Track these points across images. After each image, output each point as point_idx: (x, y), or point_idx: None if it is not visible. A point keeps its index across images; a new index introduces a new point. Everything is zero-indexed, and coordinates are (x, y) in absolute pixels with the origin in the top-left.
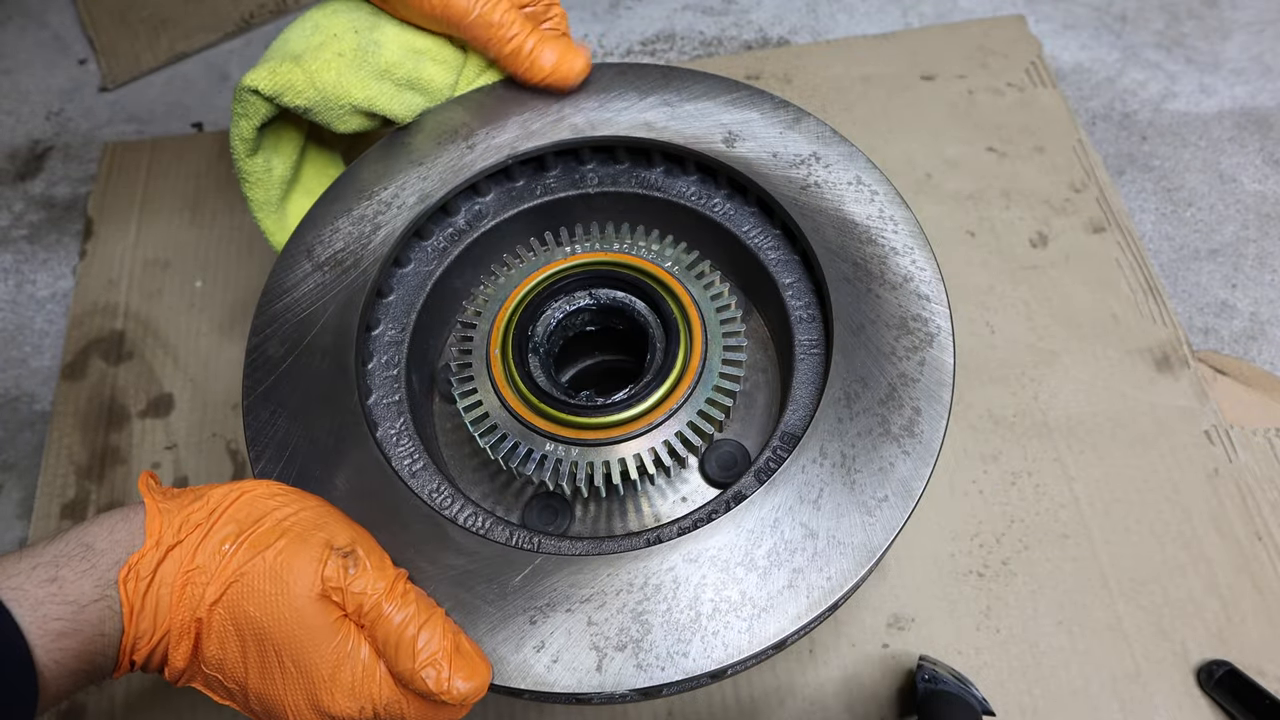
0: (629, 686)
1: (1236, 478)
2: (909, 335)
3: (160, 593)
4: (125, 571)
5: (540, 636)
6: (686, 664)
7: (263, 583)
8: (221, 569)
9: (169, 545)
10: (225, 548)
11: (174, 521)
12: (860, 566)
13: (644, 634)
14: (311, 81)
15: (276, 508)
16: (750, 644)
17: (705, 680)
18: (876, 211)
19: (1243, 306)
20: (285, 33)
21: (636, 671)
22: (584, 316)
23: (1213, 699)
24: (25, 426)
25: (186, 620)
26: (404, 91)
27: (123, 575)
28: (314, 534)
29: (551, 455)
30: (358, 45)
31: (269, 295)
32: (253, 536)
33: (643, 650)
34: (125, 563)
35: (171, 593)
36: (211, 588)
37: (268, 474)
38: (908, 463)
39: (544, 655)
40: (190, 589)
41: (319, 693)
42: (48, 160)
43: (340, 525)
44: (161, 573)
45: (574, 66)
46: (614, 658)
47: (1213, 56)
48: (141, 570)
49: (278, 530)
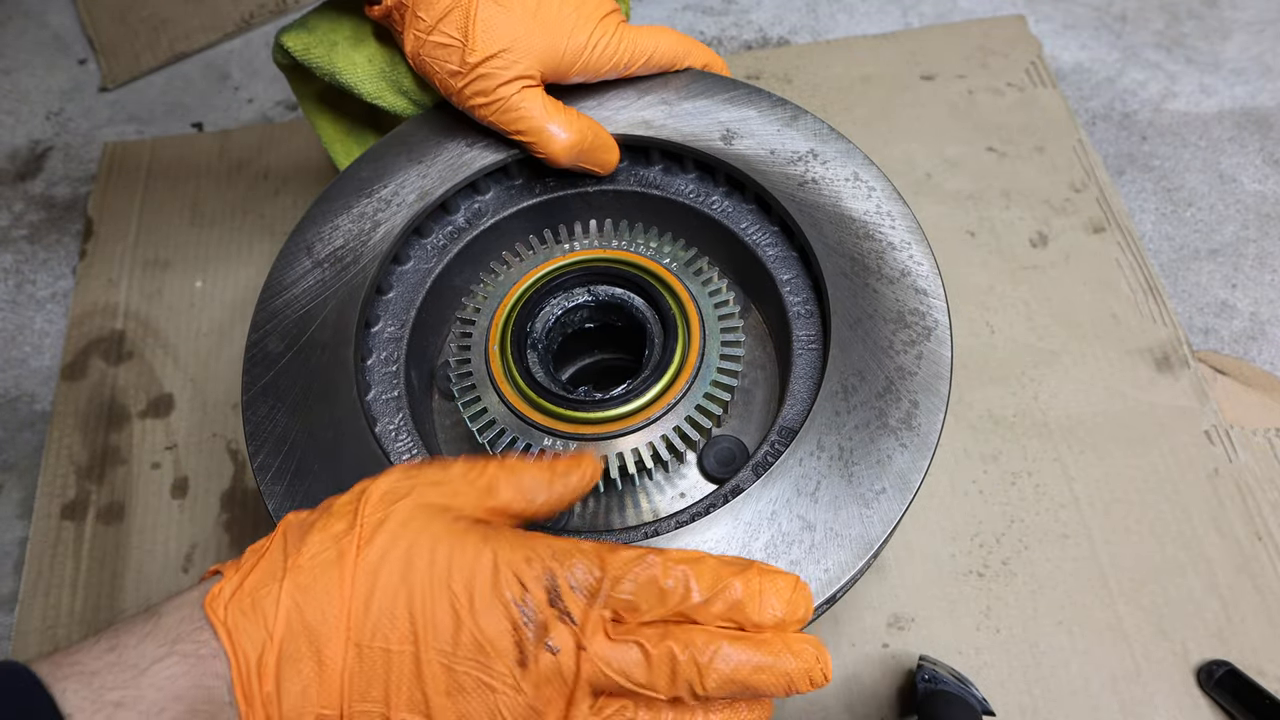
0: None
1: (1236, 478)
2: (906, 329)
3: (261, 599)
4: (209, 599)
5: None
6: None
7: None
8: (336, 536)
9: (250, 565)
10: (317, 529)
11: (245, 553)
12: (858, 558)
13: None
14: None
15: (335, 498)
16: None
17: None
18: (874, 207)
19: (1243, 306)
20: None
21: None
22: (583, 313)
23: (1213, 699)
24: (25, 426)
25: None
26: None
27: (207, 602)
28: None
29: (550, 450)
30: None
31: (269, 291)
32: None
33: None
34: (206, 596)
35: (275, 588)
36: (338, 553)
37: (267, 468)
38: (905, 455)
39: None
40: (302, 563)
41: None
42: (48, 160)
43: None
44: (251, 581)
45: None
46: None
47: (1213, 56)
48: (226, 592)
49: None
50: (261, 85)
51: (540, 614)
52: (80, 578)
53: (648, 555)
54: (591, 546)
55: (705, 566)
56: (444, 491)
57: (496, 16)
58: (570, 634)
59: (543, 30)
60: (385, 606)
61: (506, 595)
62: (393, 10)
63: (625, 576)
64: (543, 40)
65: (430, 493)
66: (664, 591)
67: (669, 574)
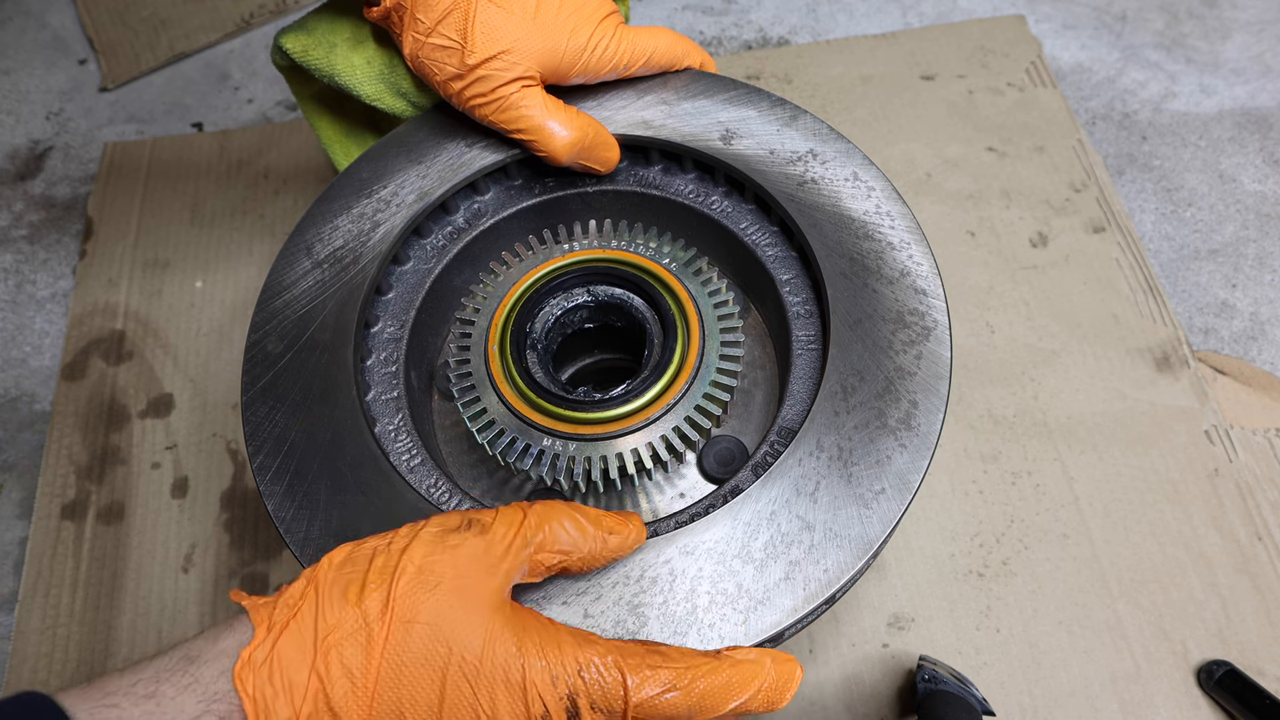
0: None
1: (1236, 478)
2: (906, 329)
3: (289, 671)
4: (240, 666)
5: None
6: None
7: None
8: (367, 610)
9: (282, 625)
10: (352, 595)
11: (275, 605)
12: (857, 559)
13: (640, 626)
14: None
15: (375, 543)
16: (747, 636)
17: None
18: (873, 207)
19: (1243, 306)
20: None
21: None
22: (582, 313)
23: (1213, 699)
24: (25, 426)
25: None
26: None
27: (237, 670)
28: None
29: (549, 451)
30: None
31: (269, 292)
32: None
33: None
34: (237, 661)
35: (305, 664)
36: (367, 632)
37: (266, 468)
38: (905, 455)
39: None
40: (332, 641)
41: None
42: (48, 160)
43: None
44: (280, 650)
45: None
46: None
47: (1213, 56)
48: (257, 658)
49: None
50: (261, 85)
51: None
52: (80, 578)
53: (672, 682)
54: (615, 661)
55: (730, 679)
56: (483, 568)
57: (496, 18)
58: None
59: (542, 32)
60: (409, 700)
61: (531, 715)
62: (391, 12)
63: (649, 702)
64: (542, 42)
65: (468, 574)
66: (690, 714)
67: (694, 699)
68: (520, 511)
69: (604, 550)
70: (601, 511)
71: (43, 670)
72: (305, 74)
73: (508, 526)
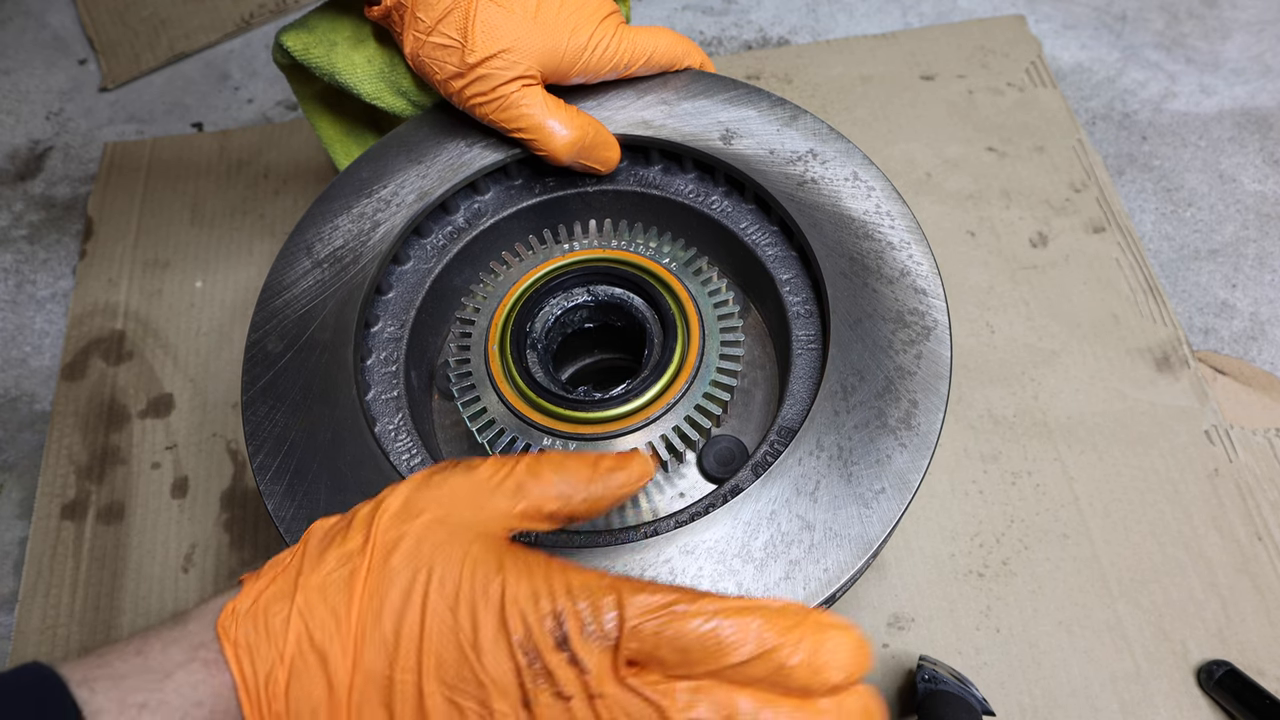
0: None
1: (1236, 478)
2: (906, 329)
3: (272, 616)
4: (224, 617)
5: None
6: None
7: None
8: (348, 548)
9: (268, 580)
10: (335, 542)
11: (264, 566)
12: (857, 558)
13: None
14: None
15: (359, 506)
16: None
17: None
18: (873, 207)
19: (1243, 306)
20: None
21: None
22: (582, 313)
23: (1213, 699)
24: (25, 426)
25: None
26: (399, 97)
27: (221, 620)
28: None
29: (549, 450)
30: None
31: (269, 291)
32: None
33: None
34: (222, 613)
35: (287, 607)
36: (348, 566)
37: (266, 468)
38: (904, 455)
39: None
40: (314, 581)
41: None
42: (48, 160)
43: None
44: (265, 598)
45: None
46: None
47: (1213, 56)
48: (241, 607)
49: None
50: (261, 85)
51: (547, 657)
52: (80, 578)
53: (676, 603)
54: (611, 583)
55: (745, 622)
56: (467, 503)
57: (496, 17)
58: (578, 682)
59: (543, 31)
60: (389, 633)
61: (511, 635)
62: (392, 11)
63: (646, 626)
64: (542, 41)
65: (451, 506)
66: (695, 649)
67: (700, 629)
68: (514, 457)
69: (608, 489)
70: (600, 453)
71: None
72: (306, 73)
73: (496, 467)
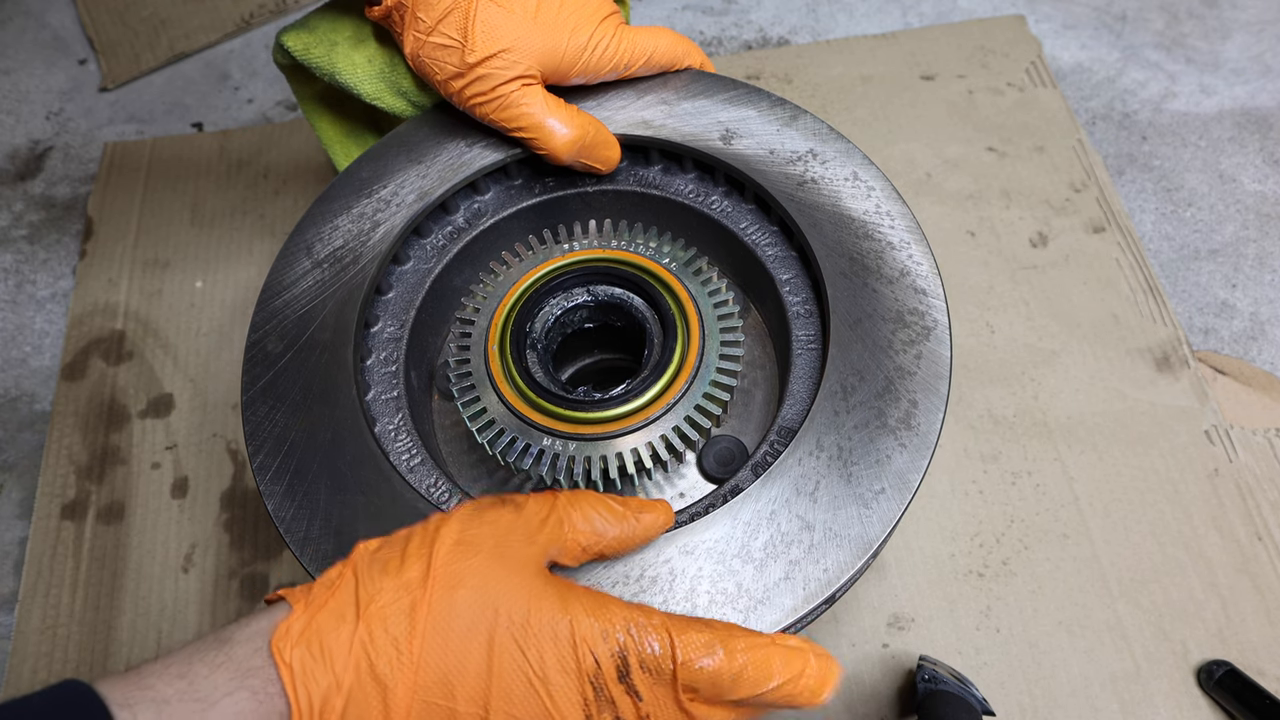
0: None
1: (1236, 478)
2: (906, 329)
3: (329, 641)
4: (277, 637)
5: None
6: None
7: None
8: (406, 578)
9: (321, 602)
10: (392, 569)
11: (311, 588)
12: (857, 558)
13: None
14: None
15: (409, 530)
16: None
17: None
18: (873, 207)
19: (1243, 306)
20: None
21: None
22: (582, 313)
23: (1213, 699)
24: (25, 426)
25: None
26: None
27: (275, 641)
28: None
29: (549, 450)
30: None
31: (269, 291)
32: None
33: None
34: (274, 633)
35: (345, 633)
36: (408, 595)
37: (266, 468)
38: (904, 455)
39: None
40: (374, 609)
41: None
42: (48, 160)
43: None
44: (320, 621)
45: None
46: None
47: (1213, 56)
48: (295, 629)
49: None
50: (261, 85)
51: (610, 689)
52: (80, 578)
53: (717, 645)
54: (662, 622)
55: (768, 660)
56: (521, 540)
57: (496, 17)
58: (635, 710)
59: (543, 31)
60: (454, 667)
61: (582, 668)
62: (392, 11)
63: (695, 662)
64: (543, 41)
65: (507, 543)
66: (727, 683)
67: (735, 667)
68: (552, 495)
69: (636, 531)
70: (628, 497)
71: (43, 670)
72: (306, 73)
73: (540, 504)
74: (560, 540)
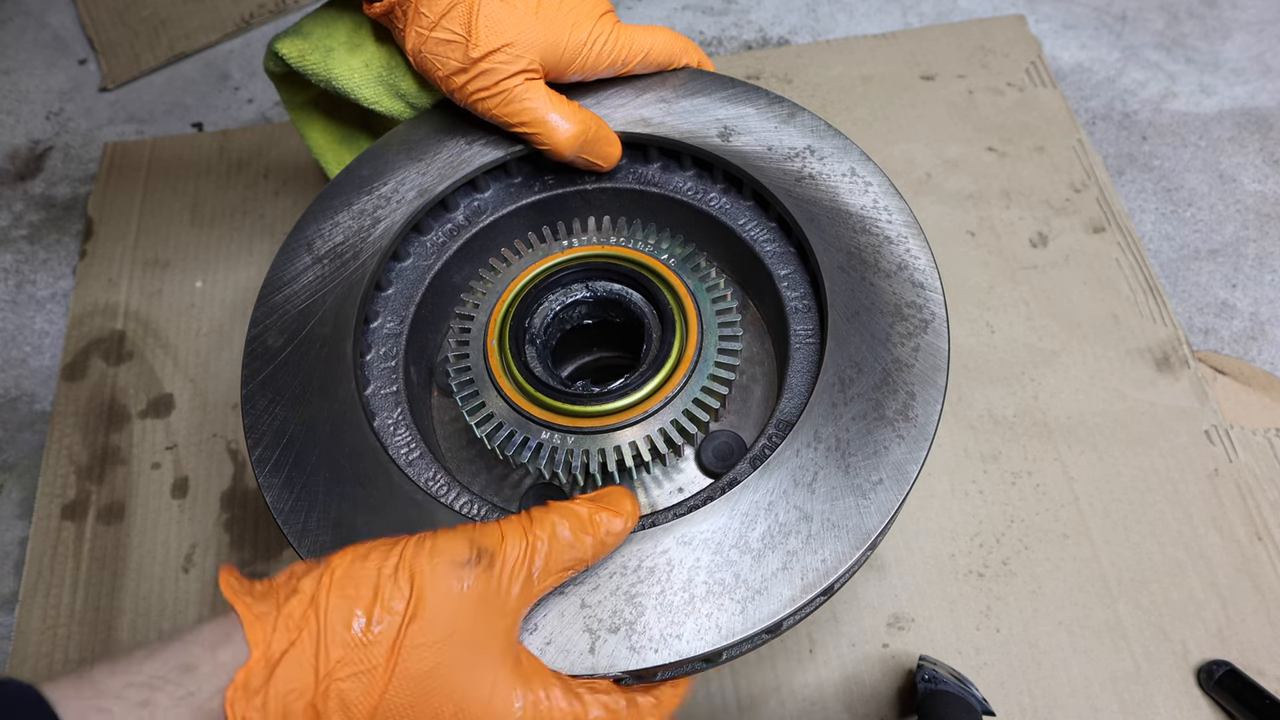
0: (622, 668)
1: (1236, 478)
2: (903, 321)
3: (285, 701)
4: (232, 691)
5: (533, 619)
6: (680, 646)
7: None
8: (371, 650)
9: (281, 650)
10: (356, 628)
11: (274, 624)
12: (855, 549)
13: (637, 616)
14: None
15: (379, 562)
16: (744, 626)
17: (699, 664)
18: (871, 202)
19: (1243, 306)
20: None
21: (629, 654)
22: (581, 309)
23: (1213, 699)
24: (25, 426)
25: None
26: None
27: (229, 694)
28: (445, 560)
29: (548, 444)
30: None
31: (269, 287)
32: (386, 603)
33: (636, 632)
34: (231, 682)
35: (302, 698)
36: (369, 675)
37: (265, 460)
38: (902, 446)
39: (536, 638)
40: (334, 679)
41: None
42: (48, 160)
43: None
44: (278, 678)
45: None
46: (607, 640)
47: (1213, 56)
48: (253, 684)
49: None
50: (261, 85)
51: None
52: (80, 578)
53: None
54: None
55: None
56: (493, 609)
57: (499, 12)
58: None
59: (545, 25)
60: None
61: None
62: (394, 7)
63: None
64: (545, 35)
65: (474, 623)
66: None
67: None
68: (522, 535)
69: (604, 547)
70: (591, 506)
71: (43, 670)
72: (297, 81)
73: (516, 551)
74: (534, 598)
